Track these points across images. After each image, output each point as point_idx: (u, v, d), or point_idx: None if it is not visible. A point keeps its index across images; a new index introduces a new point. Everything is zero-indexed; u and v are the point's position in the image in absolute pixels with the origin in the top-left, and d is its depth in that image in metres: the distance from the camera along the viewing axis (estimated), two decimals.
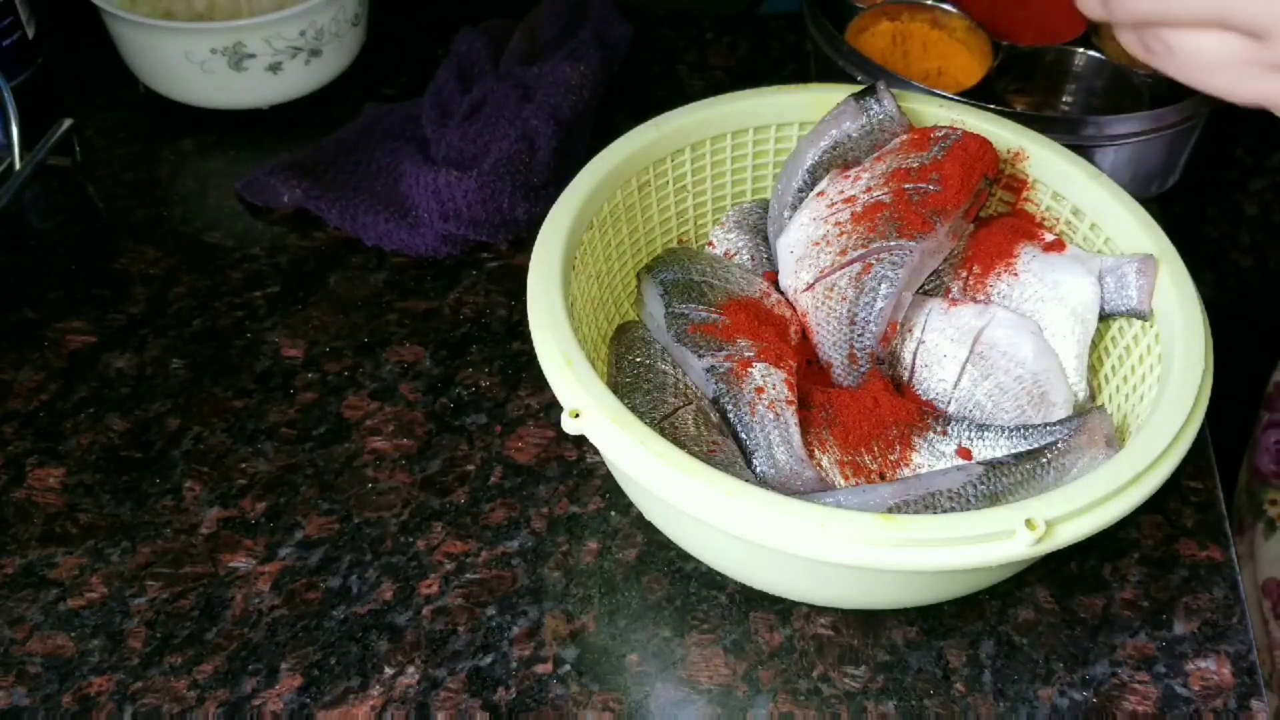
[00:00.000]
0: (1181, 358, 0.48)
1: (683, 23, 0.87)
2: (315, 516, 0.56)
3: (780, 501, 0.42)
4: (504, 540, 0.55)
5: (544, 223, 0.52)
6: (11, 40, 0.72)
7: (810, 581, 0.48)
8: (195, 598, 0.52)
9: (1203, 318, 0.49)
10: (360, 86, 0.80)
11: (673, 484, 0.42)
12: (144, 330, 0.64)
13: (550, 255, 0.50)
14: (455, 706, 0.49)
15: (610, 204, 0.55)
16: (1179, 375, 0.47)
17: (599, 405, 0.44)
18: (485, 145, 0.68)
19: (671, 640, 0.51)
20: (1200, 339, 0.48)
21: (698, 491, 0.42)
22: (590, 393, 0.45)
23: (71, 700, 0.49)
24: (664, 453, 0.43)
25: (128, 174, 0.74)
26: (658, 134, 0.56)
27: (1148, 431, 0.45)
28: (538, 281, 0.49)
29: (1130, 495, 0.43)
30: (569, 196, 0.53)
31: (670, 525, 0.51)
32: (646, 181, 0.57)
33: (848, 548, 0.41)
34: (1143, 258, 0.52)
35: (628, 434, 0.43)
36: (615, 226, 0.56)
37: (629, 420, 0.44)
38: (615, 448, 0.44)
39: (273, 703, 0.49)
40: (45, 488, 0.57)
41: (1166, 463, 0.44)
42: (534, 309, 0.48)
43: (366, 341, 0.64)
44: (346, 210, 0.69)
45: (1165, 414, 0.45)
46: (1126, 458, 0.44)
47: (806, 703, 0.49)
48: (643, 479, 0.43)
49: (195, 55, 0.72)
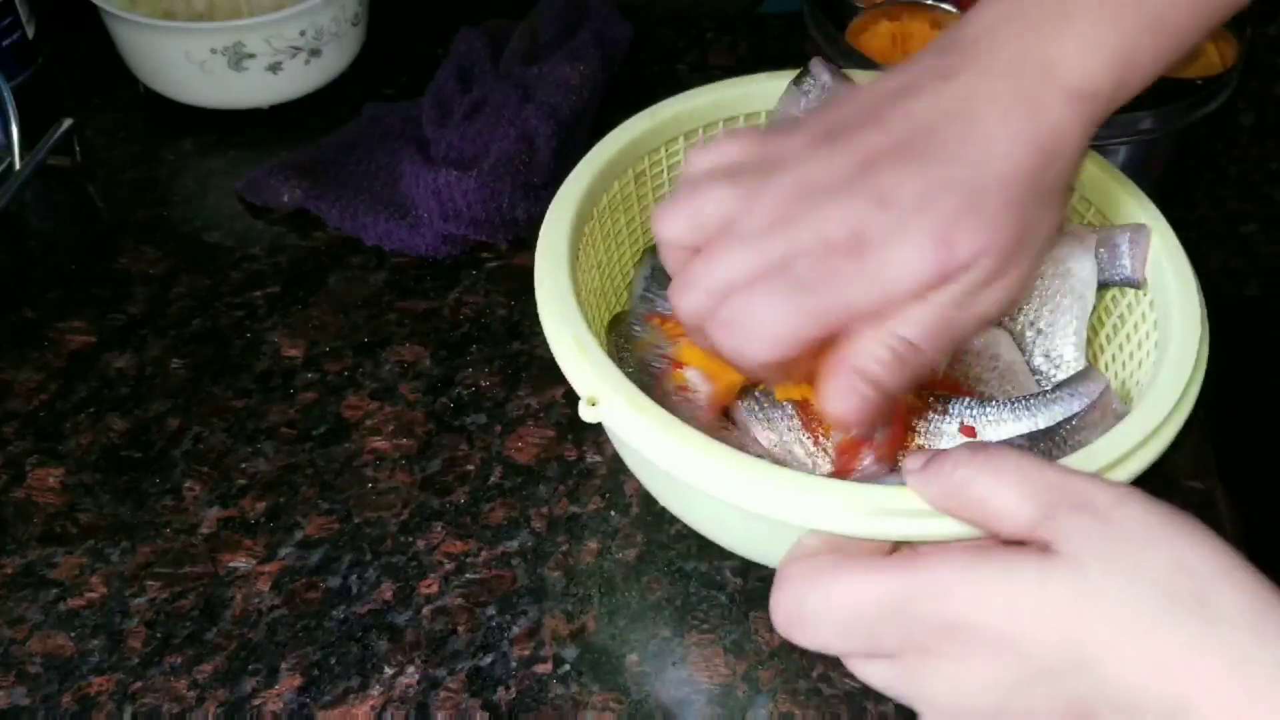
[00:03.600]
0: (1179, 321, 0.48)
1: (683, 23, 0.87)
2: (315, 516, 0.56)
3: (811, 481, 0.41)
4: (504, 540, 0.55)
5: (546, 217, 0.51)
6: (11, 40, 0.72)
7: None
8: (195, 598, 0.52)
9: (1196, 284, 0.49)
10: (360, 86, 0.80)
11: (696, 467, 0.42)
12: (144, 330, 0.64)
13: (555, 246, 0.50)
14: (455, 706, 0.49)
15: (609, 194, 0.55)
16: (1179, 339, 0.47)
17: (616, 391, 0.44)
18: (485, 145, 0.68)
19: (671, 640, 0.51)
20: (1195, 302, 0.48)
21: (725, 474, 0.41)
22: (607, 379, 0.44)
23: (71, 700, 0.49)
24: (686, 436, 0.42)
25: (128, 174, 0.74)
26: (652, 123, 0.56)
27: (1155, 391, 0.45)
28: (545, 271, 0.49)
29: (1146, 452, 0.43)
30: (568, 189, 0.53)
31: (689, 510, 0.50)
32: (643, 171, 0.57)
33: (890, 521, 0.40)
34: (1134, 227, 0.52)
35: (648, 418, 0.43)
36: (614, 217, 0.56)
37: (647, 405, 0.43)
38: (636, 433, 0.43)
39: (272, 703, 0.49)
40: (45, 488, 0.57)
41: (1178, 417, 0.44)
42: (544, 299, 0.48)
43: (366, 341, 0.64)
44: (346, 210, 0.69)
45: (1170, 373, 0.46)
46: (1138, 418, 0.44)
47: (806, 703, 0.49)
48: (665, 463, 0.42)
49: (195, 55, 0.72)
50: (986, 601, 0.33)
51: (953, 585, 0.34)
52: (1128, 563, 0.32)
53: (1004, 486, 0.35)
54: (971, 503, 0.36)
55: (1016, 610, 0.33)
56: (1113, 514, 0.33)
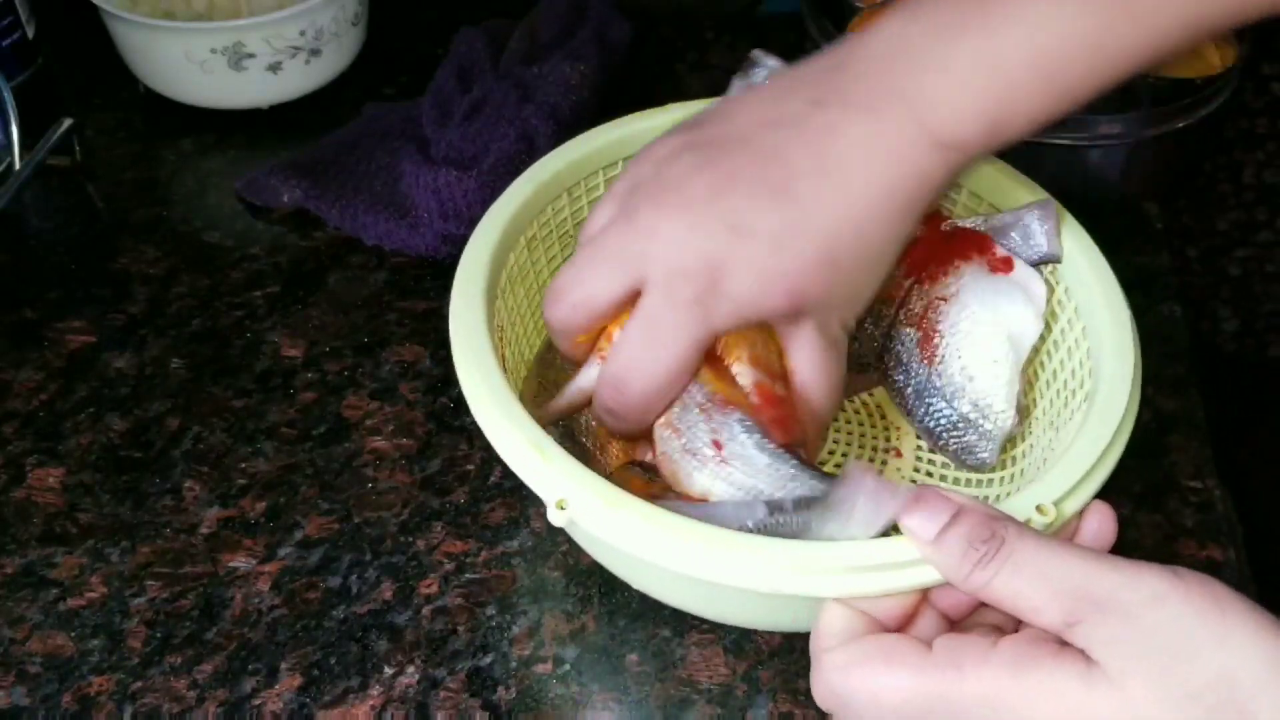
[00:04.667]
0: (1108, 321, 0.48)
1: (683, 22, 0.87)
2: (315, 516, 0.56)
3: (788, 548, 0.40)
4: (504, 540, 0.55)
5: (461, 259, 0.50)
6: (11, 40, 0.72)
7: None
8: (195, 597, 0.52)
9: (1104, 260, 0.50)
10: (360, 86, 0.80)
11: (669, 550, 0.40)
12: (144, 330, 0.64)
13: (471, 302, 0.48)
14: (455, 706, 0.49)
15: (540, 220, 0.54)
16: (1111, 331, 0.47)
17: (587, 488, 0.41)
18: (485, 145, 0.68)
19: (671, 640, 0.51)
20: (1112, 283, 0.49)
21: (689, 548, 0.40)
22: (572, 477, 0.41)
23: (71, 700, 0.49)
24: (654, 517, 0.40)
25: (128, 174, 0.74)
26: (581, 152, 0.55)
27: (1105, 390, 0.45)
28: (462, 342, 0.47)
29: (1111, 455, 0.43)
30: (491, 220, 0.52)
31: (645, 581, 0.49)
32: (579, 197, 0.56)
33: (876, 576, 0.39)
34: (1040, 203, 0.52)
35: (625, 512, 0.40)
36: (547, 244, 0.56)
37: (622, 498, 0.41)
38: (612, 531, 0.41)
39: (272, 702, 0.49)
40: (45, 488, 0.57)
41: (1129, 416, 0.45)
42: (472, 395, 0.46)
43: (366, 341, 0.64)
44: (346, 210, 0.69)
45: (1114, 371, 0.46)
46: (1097, 421, 0.44)
47: (806, 702, 0.49)
48: (648, 555, 0.40)
49: (195, 55, 0.72)
50: (1034, 715, 0.33)
51: (1002, 695, 0.34)
52: (1170, 680, 0.32)
53: (1026, 584, 0.35)
54: (1001, 601, 0.36)
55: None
56: (1145, 619, 0.33)
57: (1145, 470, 0.58)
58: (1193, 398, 0.61)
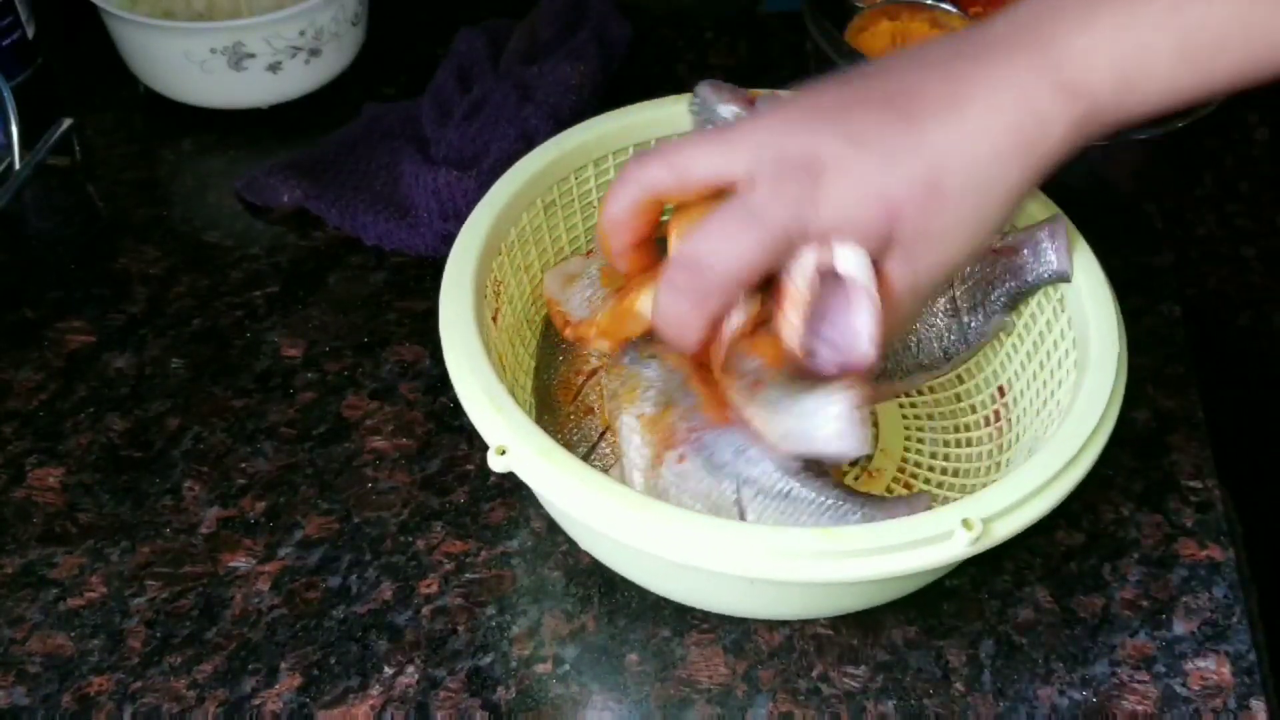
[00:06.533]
0: (1097, 342, 0.48)
1: (683, 23, 0.87)
2: (315, 516, 0.56)
3: (718, 525, 0.42)
4: (504, 540, 0.55)
5: (449, 256, 0.51)
6: (11, 40, 0.72)
7: (756, 600, 0.49)
8: (195, 597, 0.52)
9: (1106, 279, 0.50)
10: (360, 86, 0.80)
11: (605, 514, 0.42)
12: (144, 330, 0.64)
13: (461, 290, 0.50)
14: (455, 706, 0.49)
15: (518, 227, 0.55)
16: (1096, 361, 0.47)
17: (526, 441, 0.44)
18: (485, 145, 0.68)
19: (671, 640, 0.51)
20: (1110, 308, 0.49)
21: (626, 518, 0.42)
22: (517, 428, 0.44)
23: (71, 700, 0.49)
24: (589, 479, 0.43)
25: (128, 174, 0.74)
26: (560, 152, 0.56)
27: (1070, 421, 0.45)
28: (450, 319, 0.49)
29: (1057, 487, 0.43)
30: (474, 223, 0.53)
31: (606, 553, 0.51)
32: (552, 201, 0.57)
33: (794, 564, 0.41)
34: (1050, 220, 0.52)
35: (559, 468, 0.43)
36: (524, 250, 0.56)
37: (558, 454, 0.44)
38: (545, 483, 0.44)
39: (272, 702, 0.49)
40: (45, 487, 0.57)
41: (1089, 453, 0.44)
42: (450, 350, 0.48)
43: (366, 341, 0.64)
44: (346, 210, 0.69)
45: (1085, 403, 0.45)
46: (1054, 449, 0.44)
47: (806, 703, 0.49)
48: (575, 512, 0.43)
49: (195, 55, 0.72)
50: None
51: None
52: None
53: None
54: None
55: None
56: None
57: (1145, 470, 0.58)
58: (1193, 398, 0.61)
